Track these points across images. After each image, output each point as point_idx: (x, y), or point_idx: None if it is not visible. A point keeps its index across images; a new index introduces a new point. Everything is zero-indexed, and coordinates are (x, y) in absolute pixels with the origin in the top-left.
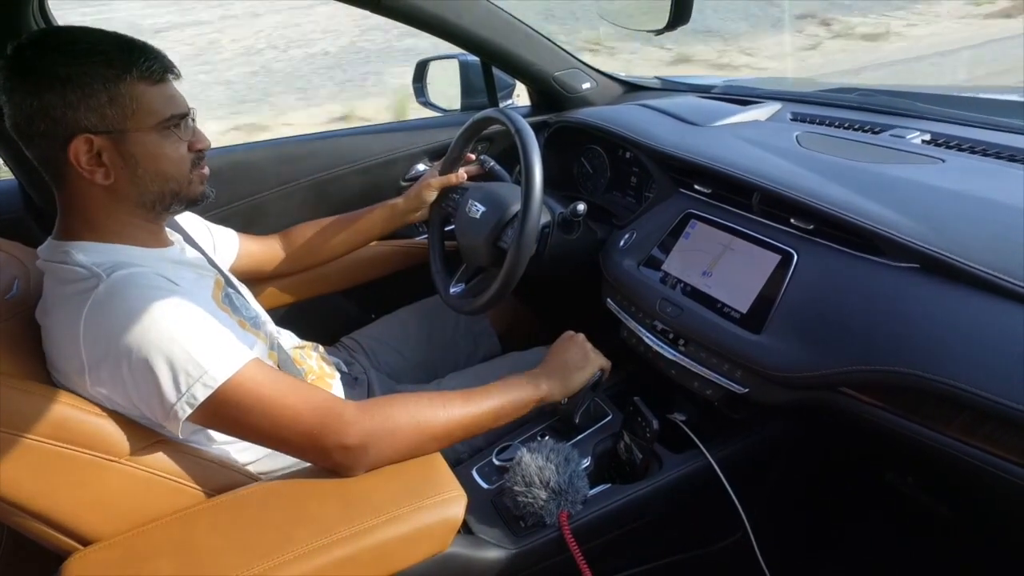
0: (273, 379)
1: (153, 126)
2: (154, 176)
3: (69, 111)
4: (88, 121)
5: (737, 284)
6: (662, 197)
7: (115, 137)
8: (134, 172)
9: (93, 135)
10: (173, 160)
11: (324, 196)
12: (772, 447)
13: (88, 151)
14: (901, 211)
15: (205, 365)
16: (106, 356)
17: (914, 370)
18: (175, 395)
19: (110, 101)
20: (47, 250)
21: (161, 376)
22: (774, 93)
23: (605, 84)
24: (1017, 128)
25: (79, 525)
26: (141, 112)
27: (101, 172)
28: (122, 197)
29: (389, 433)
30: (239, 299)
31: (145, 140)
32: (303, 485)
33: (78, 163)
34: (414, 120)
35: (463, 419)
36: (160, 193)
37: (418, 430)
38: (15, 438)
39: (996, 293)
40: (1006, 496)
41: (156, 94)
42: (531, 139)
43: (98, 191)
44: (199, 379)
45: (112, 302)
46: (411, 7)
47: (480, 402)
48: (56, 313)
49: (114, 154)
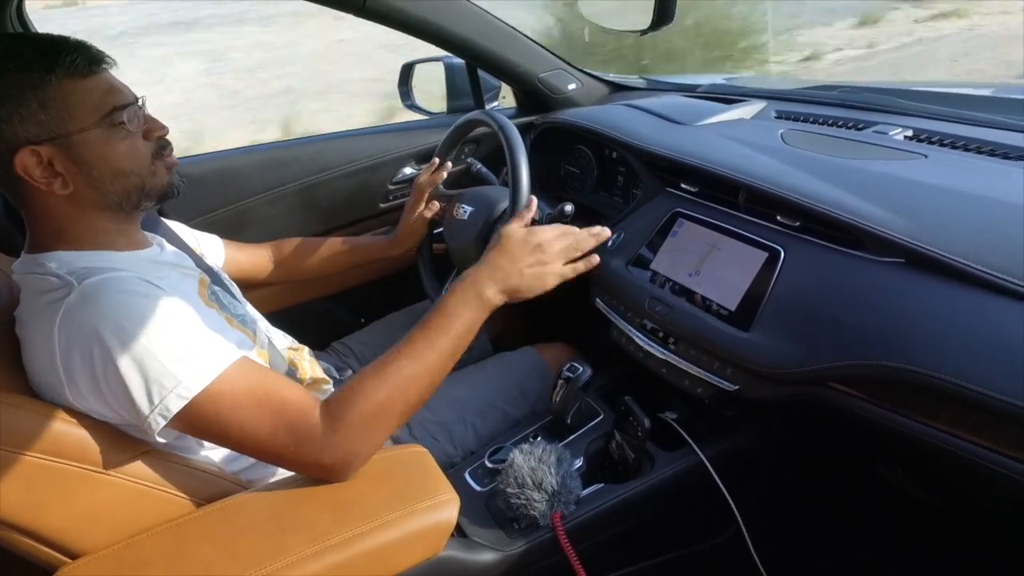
0: (252, 388)
1: (96, 123)
2: (112, 175)
3: (4, 126)
4: (27, 132)
5: (725, 282)
6: (649, 196)
7: (60, 143)
8: (89, 175)
9: (36, 145)
10: (127, 154)
11: (311, 201)
12: (763, 443)
13: (38, 163)
14: (885, 206)
15: (179, 375)
16: (81, 366)
17: (900, 364)
18: (148, 407)
19: (42, 106)
20: (21, 265)
21: (133, 387)
22: (758, 92)
23: (590, 85)
24: (997, 123)
25: (67, 538)
26: (79, 111)
27: (58, 182)
28: (86, 203)
29: (363, 432)
30: (226, 296)
31: (91, 139)
32: (294, 492)
33: (31, 177)
34: (400, 123)
35: (423, 374)
36: (124, 191)
37: (388, 413)
38: (0, 452)
39: (979, 286)
40: (993, 486)
41: (89, 89)
42: (517, 140)
43: (60, 201)
44: (172, 390)
45: (83, 310)
46: (395, 9)
47: (429, 348)
48: (32, 324)
49: (65, 161)
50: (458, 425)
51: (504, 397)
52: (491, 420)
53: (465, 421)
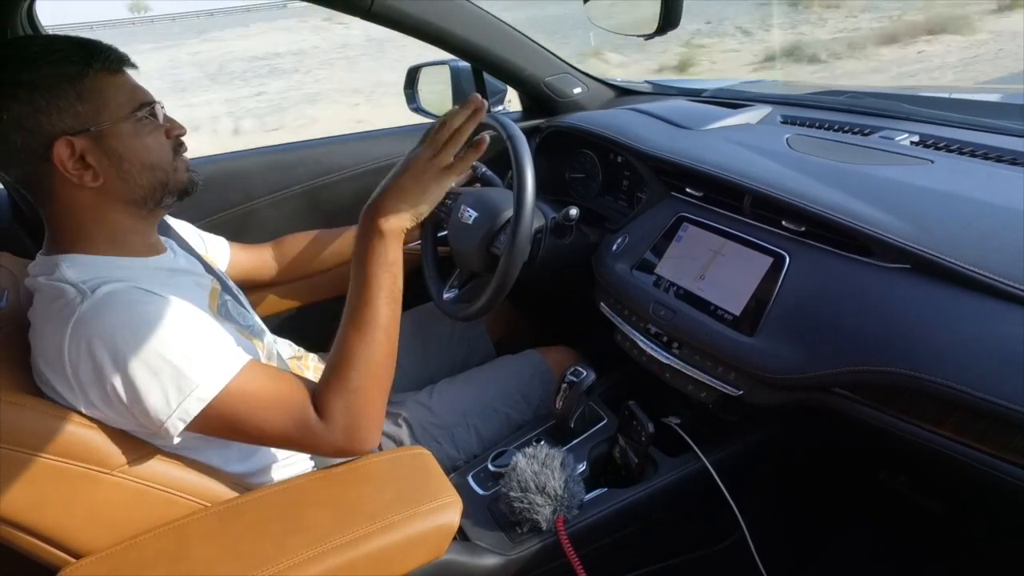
0: (264, 388)
1: (127, 116)
2: (141, 168)
3: (42, 117)
4: (64, 123)
5: (730, 287)
6: (654, 201)
7: (94, 135)
8: (120, 167)
9: (72, 136)
10: (155, 149)
11: (315, 204)
12: (767, 449)
13: (71, 154)
14: (891, 212)
15: (196, 379)
16: (93, 375)
17: (906, 370)
18: (167, 411)
19: (79, 98)
20: (37, 267)
21: (150, 393)
22: (764, 96)
23: (596, 88)
24: (1004, 129)
25: (70, 538)
26: (112, 104)
27: (89, 174)
28: (114, 197)
29: (365, 405)
30: (236, 307)
31: (124, 132)
32: (297, 493)
33: (64, 168)
34: (405, 126)
35: (383, 329)
36: (150, 186)
37: (375, 379)
38: (5, 452)
39: (986, 292)
40: (999, 493)
41: (121, 84)
42: (523, 144)
43: (88, 196)
44: (191, 393)
45: (97, 320)
46: (401, 13)
47: (374, 301)
48: (43, 331)
49: (98, 153)
50: (461, 428)
51: (507, 401)
52: (494, 424)
53: (468, 424)
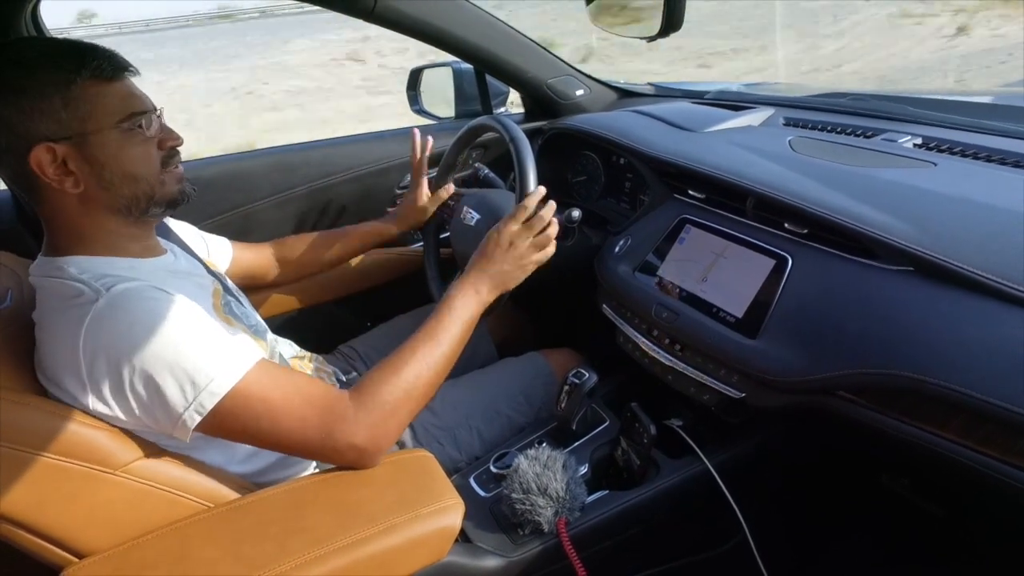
0: (278, 382)
1: (113, 125)
2: (123, 178)
3: (27, 121)
4: (46, 129)
5: (732, 289)
6: (656, 203)
7: (76, 142)
8: (100, 176)
9: (53, 143)
10: (139, 159)
11: (318, 205)
12: (769, 451)
13: (52, 160)
14: (894, 214)
15: (211, 373)
16: (108, 372)
17: (910, 373)
18: (183, 405)
19: (64, 105)
20: (39, 267)
21: (168, 387)
22: (767, 98)
23: (598, 90)
24: (1006, 131)
25: (73, 538)
26: (99, 112)
27: (70, 181)
28: (96, 205)
29: (391, 415)
30: (239, 307)
31: (107, 141)
32: (299, 495)
33: (43, 173)
34: (408, 128)
35: (437, 363)
36: (132, 196)
37: (410, 398)
38: (8, 451)
39: (989, 295)
40: (1001, 497)
41: (111, 93)
42: (525, 146)
43: (71, 201)
44: (206, 387)
45: (114, 317)
46: (404, 15)
47: (442, 339)
48: (52, 329)
49: (78, 160)
50: (463, 430)
51: (510, 403)
52: (496, 426)
53: (470, 426)
